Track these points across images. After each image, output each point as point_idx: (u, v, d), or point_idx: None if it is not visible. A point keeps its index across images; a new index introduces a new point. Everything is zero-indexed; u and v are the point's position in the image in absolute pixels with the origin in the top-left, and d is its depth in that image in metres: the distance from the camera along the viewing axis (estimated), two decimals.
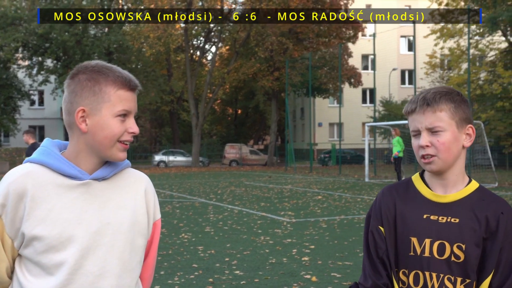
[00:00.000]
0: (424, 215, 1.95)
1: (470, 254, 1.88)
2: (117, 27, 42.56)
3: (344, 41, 46.48)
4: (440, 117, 1.92)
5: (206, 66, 57.87)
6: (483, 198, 1.95)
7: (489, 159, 23.50)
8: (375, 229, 2.03)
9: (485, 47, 36.71)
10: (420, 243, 1.93)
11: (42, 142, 1.97)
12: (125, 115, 1.88)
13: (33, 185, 1.81)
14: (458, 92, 1.98)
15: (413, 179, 2.06)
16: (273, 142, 48.60)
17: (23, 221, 1.79)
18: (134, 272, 1.93)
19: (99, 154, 1.88)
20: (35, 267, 1.81)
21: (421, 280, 1.93)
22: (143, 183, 2.04)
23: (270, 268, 7.53)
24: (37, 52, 42.47)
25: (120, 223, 1.89)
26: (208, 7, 44.00)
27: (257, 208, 14.85)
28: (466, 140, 1.96)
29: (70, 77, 1.90)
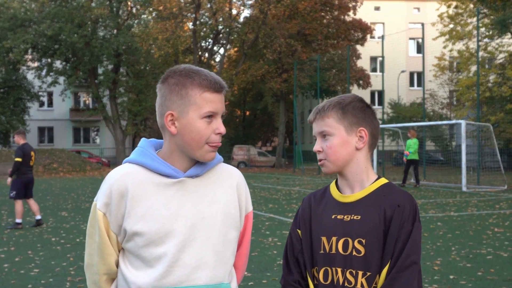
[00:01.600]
0: (333, 215, 2.10)
1: (370, 248, 2.00)
2: (126, 29, 42.70)
3: (352, 43, 46.47)
4: (327, 123, 2.10)
5: (214, 67, 57.93)
6: (385, 193, 2.07)
7: (498, 162, 23.40)
8: (293, 231, 2.21)
9: (494, 49, 36.56)
10: (329, 241, 2.07)
11: (139, 142, 2.12)
12: (211, 116, 1.96)
13: (133, 184, 1.95)
14: (353, 98, 2.14)
15: (331, 184, 2.22)
16: (281, 144, 48.60)
17: (125, 218, 1.94)
18: (228, 263, 2.04)
19: (189, 155, 1.99)
20: (136, 260, 1.96)
21: (329, 276, 2.06)
22: (235, 177, 2.14)
23: (278, 270, 7.54)
24: (46, 54, 42.70)
25: (214, 217, 2.00)
26: (216, 9, 44.09)
27: (265, 210, 14.85)
28: (359, 142, 2.10)
29: (161, 81, 2.02)
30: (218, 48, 54.58)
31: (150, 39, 44.99)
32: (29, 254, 8.85)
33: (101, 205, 1.95)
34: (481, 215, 13.40)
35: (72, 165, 39.13)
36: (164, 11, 43.87)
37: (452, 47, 37.43)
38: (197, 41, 47.23)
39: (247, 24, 45.72)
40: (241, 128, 68.57)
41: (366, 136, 2.10)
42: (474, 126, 26.59)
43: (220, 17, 44.88)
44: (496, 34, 34.59)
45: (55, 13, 39.61)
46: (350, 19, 47.47)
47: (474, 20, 34.13)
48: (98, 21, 42.71)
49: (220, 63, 49.03)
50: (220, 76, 26.10)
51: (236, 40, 47.93)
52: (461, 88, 35.39)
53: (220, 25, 45.89)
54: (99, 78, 44.35)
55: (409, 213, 2.01)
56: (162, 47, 45.29)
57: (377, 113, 18.06)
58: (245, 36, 45.78)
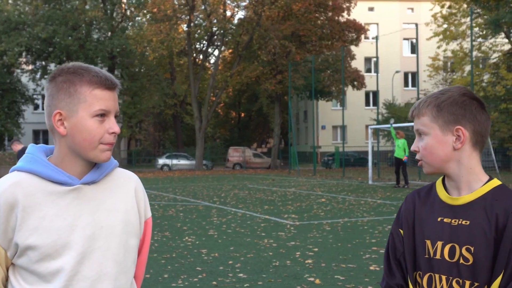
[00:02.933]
0: (439, 218, 1.96)
1: (479, 256, 1.85)
2: (120, 31, 42.65)
3: (347, 44, 46.50)
4: (422, 121, 1.97)
5: (209, 69, 57.93)
6: (497, 197, 1.90)
7: (493, 161, 23.47)
8: (395, 232, 2.08)
9: (488, 49, 36.65)
10: (433, 245, 1.94)
11: (27, 148, 1.92)
12: (103, 115, 1.83)
13: (23, 195, 1.78)
14: (454, 93, 1.96)
15: (436, 182, 2.07)
16: (276, 145, 48.61)
17: (16, 231, 1.77)
18: (129, 273, 1.93)
19: (83, 156, 1.84)
20: (30, 276, 1.79)
21: (433, 283, 1.94)
22: (132, 182, 2.01)
23: (274, 271, 7.53)
24: (41, 57, 42.60)
25: (113, 226, 1.88)
26: (210, 11, 44.09)
27: (260, 211, 14.85)
28: (456, 142, 1.93)
29: (48, 80, 1.87)
30: (212, 50, 54.58)
31: (145, 41, 44.91)
32: None
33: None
34: None
35: None
36: (158, 13, 43.85)
37: (446, 47, 37.51)
38: (191, 43, 47.20)
39: (241, 25, 45.72)
40: (236, 130, 68.60)
41: (464, 135, 1.92)
42: None
43: (214, 19, 44.86)
44: (489, 33, 34.67)
45: (49, 16, 39.52)
46: (344, 20, 47.52)
47: (468, 20, 34.22)
48: (92, 23, 42.63)
49: (214, 65, 49.02)
50: (215, 78, 26.25)
51: (230, 41, 47.93)
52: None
53: (214, 26, 45.89)
54: None
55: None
56: (156, 49, 45.25)
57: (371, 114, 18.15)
58: (240, 38, 45.78)
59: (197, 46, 52.27)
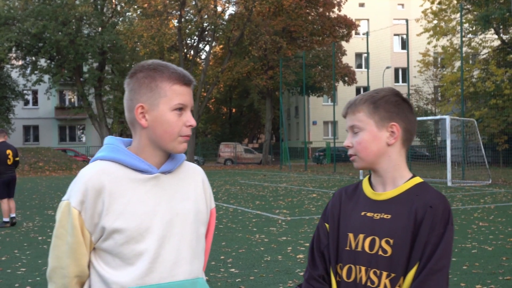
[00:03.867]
0: (362, 212, 2.05)
1: (397, 248, 1.93)
2: (110, 27, 42.51)
3: (337, 39, 46.56)
4: (357, 117, 2.04)
5: (200, 65, 57.83)
6: (418, 193, 1.99)
7: (483, 157, 23.61)
8: (321, 226, 2.17)
9: (477, 45, 36.82)
10: (355, 238, 2.02)
11: (105, 140, 2.06)
12: (181, 109, 1.96)
13: (109, 181, 1.91)
14: (387, 92, 2.06)
15: (363, 180, 2.17)
16: (267, 141, 48.65)
17: (102, 216, 1.89)
18: (201, 258, 2.07)
19: (162, 148, 1.98)
20: (114, 259, 1.91)
21: (352, 274, 2.01)
22: (200, 174, 2.16)
23: (265, 266, 7.58)
24: (31, 52, 42.39)
25: (187, 214, 2.02)
26: (201, 6, 44.01)
27: (252, 207, 14.89)
28: (390, 138, 2.02)
29: (129, 76, 2.00)
30: (203, 45, 54.45)
31: (135, 37, 44.80)
32: (16, 253, 8.82)
33: (76, 203, 1.88)
34: (466, 209, 13.53)
35: (58, 164, 38.89)
36: (149, 8, 43.69)
37: (436, 43, 37.63)
38: (182, 38, 47.10)
39: (232, 21, 45.66)
40: (228, 125, 68.54)
41: (398, 131, 2.02)
42: (458, 121, 26.79)
43: (205, 14, 44.77)
44: (479, 29, 34.84)
45: (39, 11, 39.32)
46: (335, 16, 47.58)
47: (458, 16, 34.36)
48: (83, 18, 42.47)
49: (205, 61, 48.93)
50: (206, 74, 26.26)
51: (221, 37, 47.85)
52: (445, 83, 35.60)
53: (205, 22, 45.79)
54: (84, 76, 44.11)
55: (441, 215, 1.92)
56: (147, 45, 45.13)
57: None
58: (231, 33, 45.72)
59: (188, 41, 52.14)
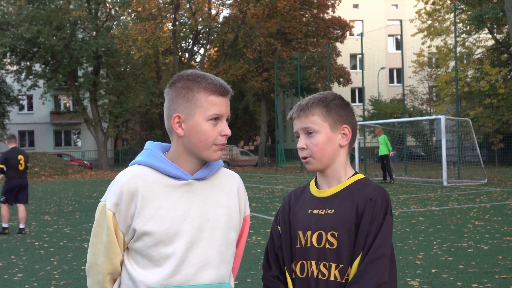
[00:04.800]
0: (309, 210, 2.16)
1: (342, 240, 2.05)
2: (105, 31, 42.48)
3: (332, 41, 46.64)
4: (312, 120, 2.12)
5: (195, 68, 57.84)
6: (358, 187, 2.11)
7: (478, 156, 23.64)
8: (273, 229, 2.27)
9: (472, 44, 36.91)
10: (304, 235, 2.13)
11: (145, 145, 2.16)
12: (217, 119, 2.02)
13: (143, 185, 2.00)
14: (335, 96, 2.18)
15: (310, 182, 2.27)
16: (263, 143, 48.68)
17: (134, 218, 1.98)
18: (229, 264, 2.13)
19: (197, 156, 2.05)
20: (143, 260, 2.01)
21: (305, 269, 2.11)
22: (236, 181, 2.22)
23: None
24: (25, 57, 42.33)
25: (218, 219, 2.08)
26: (195, 9, 44.03)
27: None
28: (342, 140, 2.14)
29: (168, 86, 2.07)
30: (198, 48, 54.58)
31: (130, 41, 44.80)
32: (12, 259, 8.81)
33: (111, 205, 1.99)
34: (462, 209, 13.55)
35: (53, 169, 38.83)
36: (143, 12, 43.75)
37: (431, 43, 37.70)
38: (177, 41, 47.15)
39: (227, 23, 45.72)
40: None
41: (350, 133, 2.15)
42: (453, 121, 26.84)
43: (199, 17, 44.84)
44: (473, 29, 34.93)
45: (33, 16, 39.28)
46: (329, 17, 47.68)
47: (452, 16, 34.43)
48: (77, 23, 42.44)
49: (200, 63, 48.96)
50: None
51: (216, 40, 47.92)
52: (440, 83, 35.68)
53: (199, 25, 45.86)
54: (79, 81, 44.07)
55: (380, 206, 2.05)
56: (142, 48, 45.15)
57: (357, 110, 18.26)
58: (225, 36, 45.78)
59: (182, 44, 52.23)
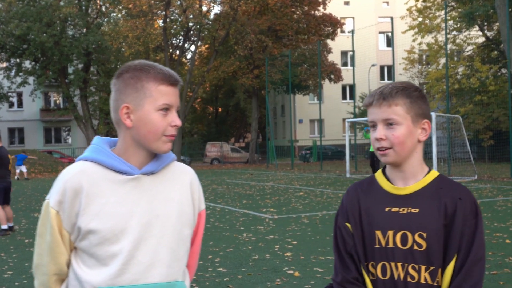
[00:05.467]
0: (386, 208, 2.03)
1: (432, 241, 1.95)
2: (95, 27, 42.31)
3: (323, 38, 46.66)
4: (395, 111, 1.99)
5: (185, 65, 57.73)
6: (441, 186, 2.01)
7: (468, 153, 23.75)
8: (342, 226, 2.12)
9: (462, 42, 37.06)
10: (384, 235, 2.01)
11: (92, 140, 2.07)
12: (167, 109, 1.95)
13: (88, 182, 1.92)
14: (416, 88, 2.05)
15: (376, 175, 2.14)
16: (254, 140, 48.66)
17: (79, 216, 1.90)
18: (182, 261, 2.05)
19: (146, 148, 1.98)
20: (90, 259, 1.93)
21: (388, 271, 2.00)
22: (188, 175, 2.15)
23: (253, 265, 7.59)
24: (15, 54, 42.09)
25: (169, 215, 2.00)
26: (186, 6, 43.92)
27: (239, 206, 14.89)
28: (422, 135, 2.03)
29: (115, 77, 2.01)
30: (189, 45, 54.37)
31: (120, 37, 44.62)
32: (2, 257, 8.77)
33: (54, 203, 1.92)
34: None
35: (43, 166, 38.68)
36: (134, 9, 43.56)
37: (421, 40, 37.82)
38: (167, 38, 46.99)
39: (218, 20, 45.64)
40: (214, 125, 68.48)
41: (429, 128, 2.05)
42: (444, 118, 26.94)
43: (190, 14, 44.69)
44: (463, 26, 35.09)
45: (23, 13, 39.06)
46: (320, 14, 47.68)
47: (442, 13, 34.53)
48: (67, 20, 42.22)
49: (191, 60, 48.85)
50: (192, 73, 26.14)
51: (207, 37, 47.82)
52: (430, 80, 35.81)
53: (190, 22, 45.71)
54: (69, 78, 43.88)
55: (471, 206, 1.97)
56: (132, 45, 44.98)
57: (348, 107, 18.28)
58: (216, 33, 45.69)
59: (173, 41, 52.02)
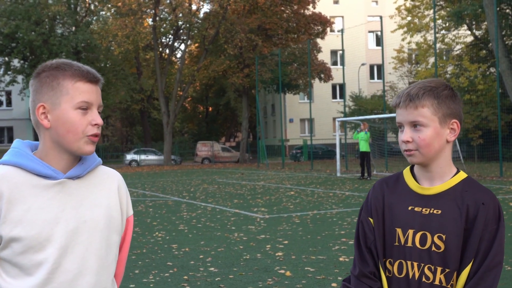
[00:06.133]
0: (409, 207, 2.02)
1: (450, 244, 1.94)
2: (84, 26, 42.16)
3: (313, 37, 46.70)
4: (422, 113, 1.97)
5: (175, 64, 57.65)
6: (467, 189, 1.99)
7: (458, 152, 23.88)
8: (365, 220, 2.12)
9: (451, 41, 37.22)
10: (404, 233, 2.00)
11: (13, 143, 1.95)
12: (86, 108, 1.87)
13: (8, 187, 1.80)
14: (446, 86, 2.02)
15: (404, 172, 2.12)
16: (245, 139, 48.65)
17: (0, 224, 1.78)
18: (111, 268, 1.96)
19: (67, 149, 1.87)
20: (13, 268, 1.81)
21: (404, 269, 2.00)
22: (115, 180, 2.05)
23: (245, 264, 7.59)
24: (4, 52, 41.89)
25: (96, 221, 1.91)
26: (176, 4, 43.84)
27: (230, 205, 14.88)
28: (450, 135, 2.01)
29: (33, 77, 1.91)
30: (179, 44, 54.33)
31: (110, 36, 44.50)
32: None
33: None
34: None
35: None
36: (123, 7, 43.42)
37: (410, 39, 37.97)
38: (157, 37, 46.90)
39: (207, 19, 45.57)
40: (204, 124, 68.41)
41: (458, 128, 2.02)
42: None
43: (180, 13, 44.63)
44: (452, 26, 35.22)
45: (11, 11, 38.86)
46: (309, 13, 47.71)
47: (431, 13, 34.68)
48: (56, 18, 42.07)
49: (181, 59, 48.78)
50: (181, 72, 26.07)
51: (196, 35, 47.73)
52: (420, 79, 35.92)
53: (180, 20, 45.66)
54: None
55: (493, 212, 1.94)
56: (122, 44, 44.89)
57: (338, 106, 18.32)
58: (206, 32, 45.63)
59: (163, 40, 51.98)
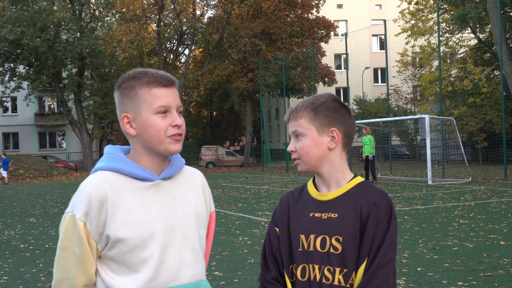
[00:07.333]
0: (311, 214, 2.14)
1: (347, 245, 2.04)
2: (89, 32, 42.29)
3: (316, 41, 46.74)
4: (300, 123, 2.13)
5: (180, 68, 57.74)
6: (361, 191, 2.11)
7: (462, 155, 23.83)
8: (271, 230, 2.24)
9: (455, 44, 37.16)
10: (307, 239, 2.11)
11: (105, 149, 2.10)
12: (165, 112, 1.98)
13: (111, 191, 1.94)
14: (326, 99, 2.16)
15: (308, 183, 2.26)
16: (249, 143, 48.67)
17: (106, 226, 1.93)
18: (202, 261, 2.12)
19: (156, 152, 2.01)
20: (119, 266, 1.96)
21: (306, 273, 2.09)
22: (199, 178, 2.21)
23: (249, 268, 7.60)
24: (9, 59, 42.05)
25: (188, 218, 2.07)
26: (180, 10, 43.95)
27: (234, 209, 14.91)
28: (331, 143, 2.12)
29: (115, 89, 2.06)
30: (183, 49, 54.48)
31: (114, 42, 44.61)
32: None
33: (81, 215, 1.91)
34: (447, 207, 13.65)
35: (38, 171, 38.61)
36: (128, 13, 43.59)
37: (414, 43, 37.89)
38: (161, 42, 47.02)
39: (211, 24, 45.68)
40: (209, 128, 68.46)
41: (338, 136, 2.12)
42: (437, 120, 27.02)
43: (184, 18, 44.74)
44: (456, 29, 35.17)
45: (17, 17, 39.01)
46: (313, 17, 47.79)
47: (435, 16, 34.64)
48: (61, 24, 42.21)
49: (185, 64, 48.86)
50: (186, 77, 26.16)
51: (200, 40, 47.84)
52: (424, 83, 35.91)
53: (184, 26, 45.77)
54: (63, 82, 43.85)
55: (385, 211, 2.05)
56: (126, 49, 44.97)
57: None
58: (210, 37, 45.72)
59: (167, 45, 52.08)
